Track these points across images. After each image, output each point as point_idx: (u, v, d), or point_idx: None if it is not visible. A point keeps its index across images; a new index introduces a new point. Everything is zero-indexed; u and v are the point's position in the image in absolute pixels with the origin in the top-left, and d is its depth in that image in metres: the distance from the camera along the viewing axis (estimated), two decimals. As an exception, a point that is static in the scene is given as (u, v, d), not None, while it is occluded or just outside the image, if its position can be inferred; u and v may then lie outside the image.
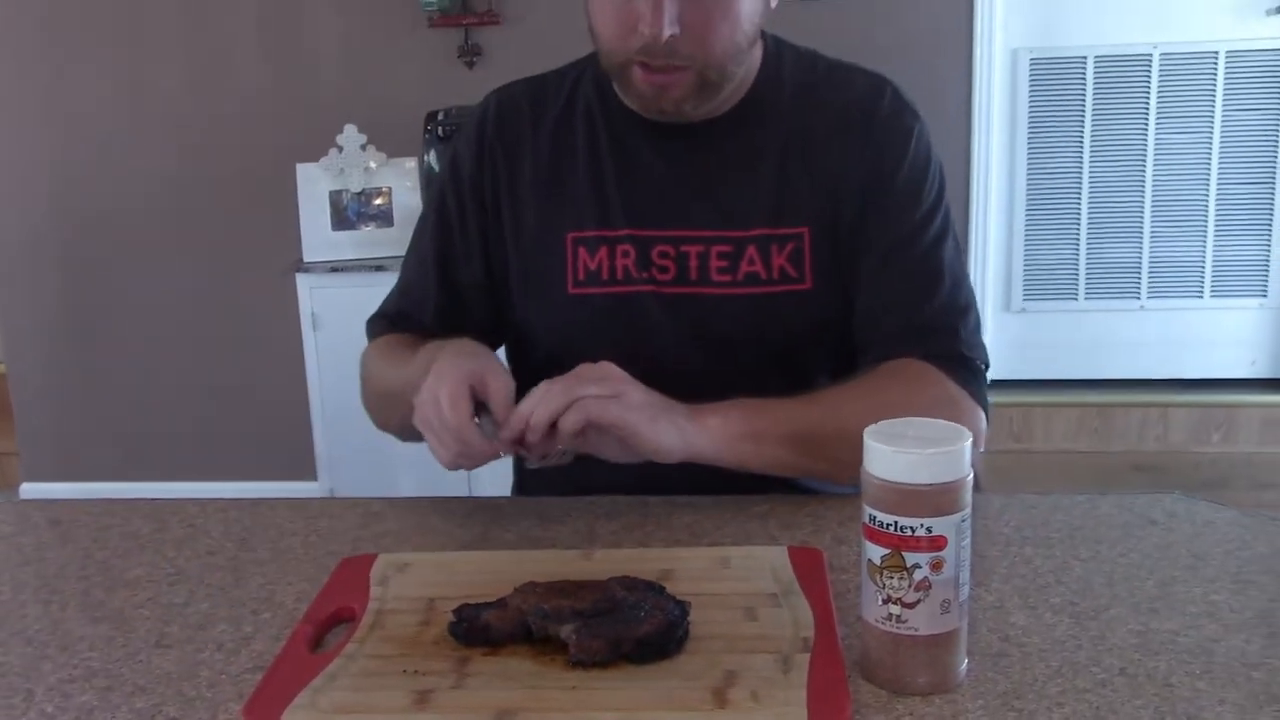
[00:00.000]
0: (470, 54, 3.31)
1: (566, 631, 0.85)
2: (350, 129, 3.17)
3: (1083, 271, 3.39)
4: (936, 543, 0.80)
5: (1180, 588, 0.96)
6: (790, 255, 1.26)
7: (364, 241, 3.18)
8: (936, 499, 0.79)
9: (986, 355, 1.27)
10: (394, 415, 1.26)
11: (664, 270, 1.28)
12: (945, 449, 0.80)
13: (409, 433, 1.15)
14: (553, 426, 1.04)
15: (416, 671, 0.85)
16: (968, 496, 0.81)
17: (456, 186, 1.36)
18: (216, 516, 1.18)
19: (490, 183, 1.34)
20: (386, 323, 1.41)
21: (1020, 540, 1.06)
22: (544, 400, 1.04)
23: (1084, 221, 3.37)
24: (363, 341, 1.43)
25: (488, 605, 0.90)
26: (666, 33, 1.13)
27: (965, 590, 0.82)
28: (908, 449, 0.80)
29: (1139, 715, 0.78)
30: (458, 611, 0.90)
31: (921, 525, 0.79)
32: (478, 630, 0.88)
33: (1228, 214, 3.31)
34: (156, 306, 3.55)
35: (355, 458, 3.06)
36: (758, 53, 1.29)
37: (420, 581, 0.99)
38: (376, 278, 3.08)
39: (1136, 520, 1.09)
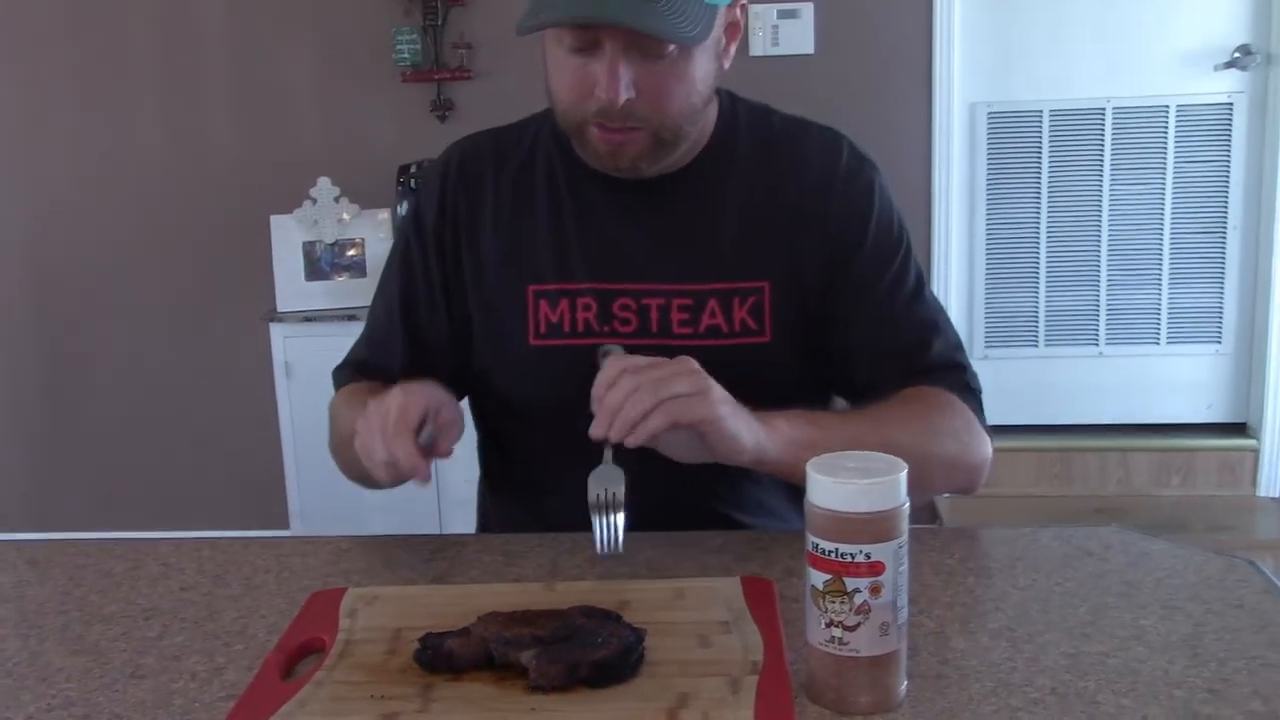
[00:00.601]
0: (442, 108, 3.38)
1: (526, 657, 0.90)
2: (324, 181, 3.22)
3: (1042, 319, 3.47)
4: (875, 568, 0.84)
5: (1111, 613, 1.01)
6: (751, 308, 1.30)
7: (337, 291, 3.23)
8: (874, 527, 0.84)
9: (980, 382, 1.33)
10: (356, 461, 1.27)
11: (626, 323, 1.31)
12: (882, 480, 0.85)
13: (371, 479, 1.19)
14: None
15: (383, 696, 0.89)
16: (904, 524, 0.86)
17: (420, 237, 1.38)
18: (190, 555, 1.21)
19: (451, 234, 1.36)
20: (351, 371, 1.44)
21: (963, 571, 1.11)
22: (633, 399, 1.05)
23: (1043, 270, 3.44)
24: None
25: (451, 633, 0.94)
26: (622, 97, 1.16)
27: (904, 614, 0.87)
28: (847, 480, 0.85)
29: (1066, 730, 0.83)
30: (423, 639, 0.94)
31: (861, 551, 0.84)
32: (442, 657, 0.92)
33: (1181, 263, 3.40)
34: (131, 354, 3.57)
35: (327, 505, 3.08)
36: (713, 109, 1.32)
37: (387, 613, 1.03)
38: (349, 327, 3.12)
39: (1074, 551, 1.15)
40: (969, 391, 1.30)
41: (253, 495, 3.47)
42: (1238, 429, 3.47)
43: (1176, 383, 3.47)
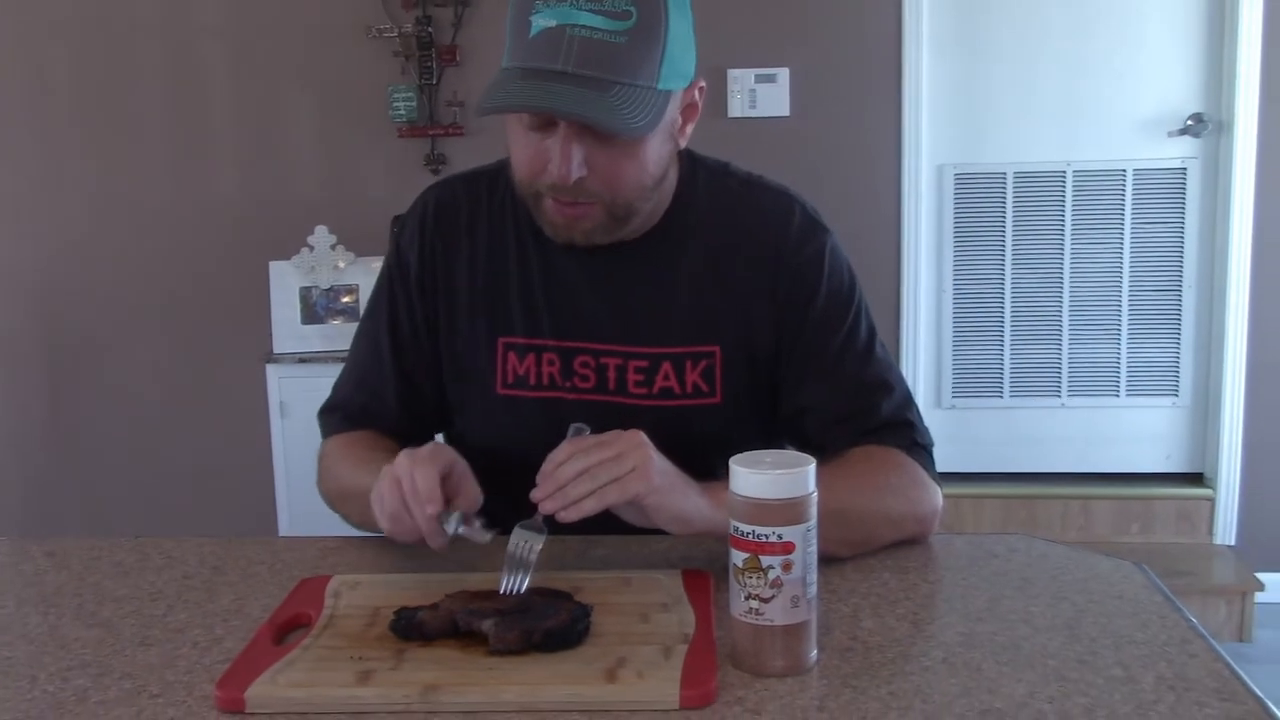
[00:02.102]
0: (436, 162, 3.54)
1: (487, 625, 1.03)
2: (321, 229, 3.37)
3: (1007, 371, 3.61)
4: (787, 547, 0.98)
5: (1006, 603, 1.14)
6: (703, 372, 1.37)
7: (331, 335, 3.37)
8: (786, 511, 0.98)
9: (931, 436, 1.40)
10: (354, 512, 1.35)
11: (585, 379, 1.38)
12: (793, 470, 0.99)
13: (369, 526, 1.26)
14: None
15: (361, 658, 1.02)
16: (812, 510, 0.99)
17: (404, 280, 1.44)
18: (193, 550, 1.34)
19: (431, 279, 1.42)
20: (341, 416, 1.49)
21: (881, 568, 1.24)
22: (575, 482, 1.11)
23: (1007, 324, 3.59)
24: None
25: (423, 607, 1.07)
26: (574, 176, 1.22)
27: (813, 589, 1.00)
28: (763, 471, 0.99)
29: (950, 689, 0.97)
30: (397, 612, 1.07)
31: (774, 533, 0.98)
32: (414, 626, 1.05)
33: (1140, 318, 3.55)
34: (131, 393, 3.70)
35: (317, 539, 3.20)
36: (672, 176, 1.37)
37: (368, 595, 1.16)
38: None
39: (981, 554, 1.28)
40: (917, 447, 1.37)
41: (245, 531, 3.58)
42: (1195, 479, 3.61)
43: (1135, 434, 3.61)
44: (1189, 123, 3.44)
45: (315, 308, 3.39)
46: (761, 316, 1.38)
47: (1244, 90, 3.34)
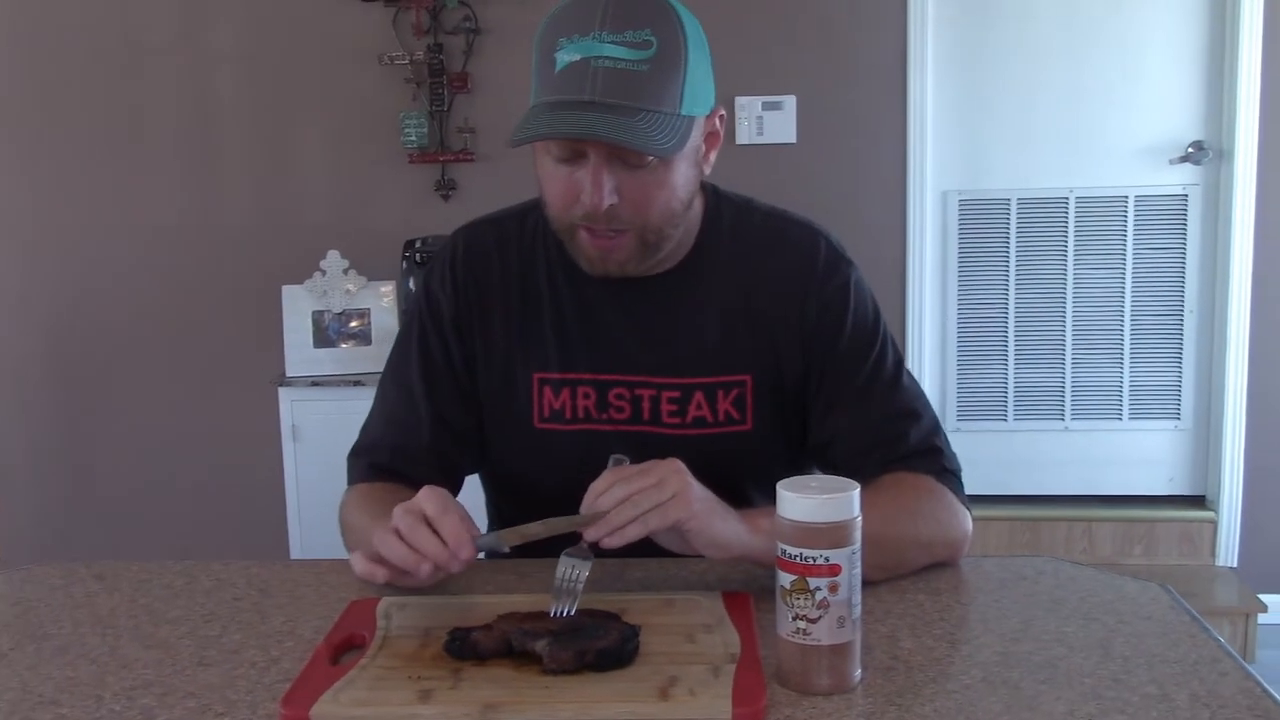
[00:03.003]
0: (446, 188, 3.59)
1: (541, 645, 1.06)
2: (333, 254, 3.41)
3: (1011, 395, 3.66)
4: (833, 569, 1.02)
5: (1038, 623, 1.18)
6: (734, 400, 1.41)
7: (343, 359, 3.40)
8: (832, 534, 1.02)
9: (959, 462, 1.43)
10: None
11: (620, 411, 1.42)
12: (839, 495, 1.03)
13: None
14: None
15: (419, 677, 1.05)
16: (857, 533, 1.03)
17: (436, 321, 1.47)
18: (240, 573, 1.37)
19: (467, 320, 1.45)
20: (368, 462, 1.48)
21: (914, 590, 1.28)
22: (619, 509, 1.14)
23: (1011, 349, 3.64)
24: (339, 450, 1.51)
25: (476, 628, 1.10)
26: (606, 203, 1.26)
27: (857, 610, 1.04)
28: (810, 495, 1.03)
29: (992, 706, 1.00)
30: (451, 632, 1.10)
31: (821, 555, 1.02)
32: (469, 646, 1.08)
33: (1142, 343, 3.60)
34: (144, 416, 3.74)
35: (329, 561, 3.23)
36: (699, 206, 1.42)
37: (418, 616, 1.20)
38: (354, 392, 3.30)
39: (1011, 576, 1.32)
40: (946, 473, 1.40)
41: (257, 554, 3.60)
42: (1196, 501, 3.65)
43: (1138, 457, 3.66)
44: (1190, 150, 3.49)
45: (327, 331, 3.43)
46: (790, 347, 1.42)
47: (1244, 118, 3.40)
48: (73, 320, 3.74)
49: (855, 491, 1.04)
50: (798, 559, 1.02)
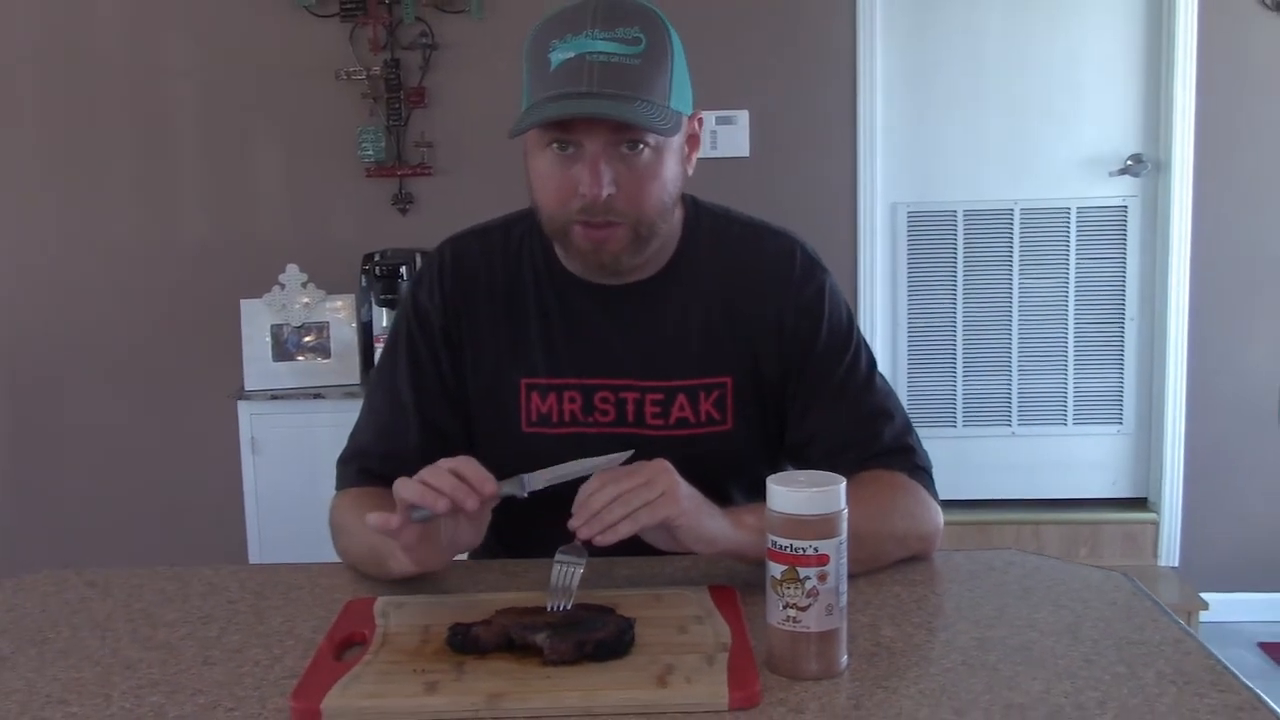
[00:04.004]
0: (403, 202, 3.61)
1: (541, 638, 1.10)
2: (292, 268, 3.41)
3: (960, 401, 3.75)
4: (822, 559, 1.07)
5: (1010, 610, 1.24)
6: (715, 401, 1.46)
7: (302, 372, 3.41)
8: (820, 526, 1.07)
9: (929, 459, 1.49)
10: (375, 567, 1.35)
11: (605, 414, 1.46)
12: (827, 488, 1.08)
13: (396, 571, 1.30)
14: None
15: (424, 670, 1.09)
16: (844, 525, 1.08)
17: (425, 330, 1.50)
18: (231, 576, 1.40)
19: (455, 330, 1.49)
20: (358, 468, 1.50)
21: (891, 582, 1.33)
22: (609, 507, 1.18)
23: (959, 356, 3.73)
24: (298, 463, 1.54)
25: (476, 623, 1.14)
26: (605, 192, 1.31)
27: (844, 598, 1.09)
28: (800, 489, 1.08)
29: (973, 687, 1.05)
30: (452, 628, 1.14)
31: (810, 546, 1.07)
32: (470, 641, 1.12)
33: (1085, 350, 3.71)
34: (104, 429, 3.72)
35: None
36: (679, 215, 1.47)
37: (415, 614, 1.23)
38: (313, 405, 3.31)
39: (980, 568, 1.38)
40: (918, 470, 1.46)
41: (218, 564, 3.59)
42: (1139, 503, 3.76)
43: (1082, 461, 3.76)
44: (1129, 163, 3.60)
45: (286, 345, 3.43)
46: (768, 350, 1.48)
47: (1180, 132, 3.52)
48: (30, 335, 3.71)
49: (842, 485, 1.09)
50: (788, 550, 1.07)
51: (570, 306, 1.48)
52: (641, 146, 1.33)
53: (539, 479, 1.28)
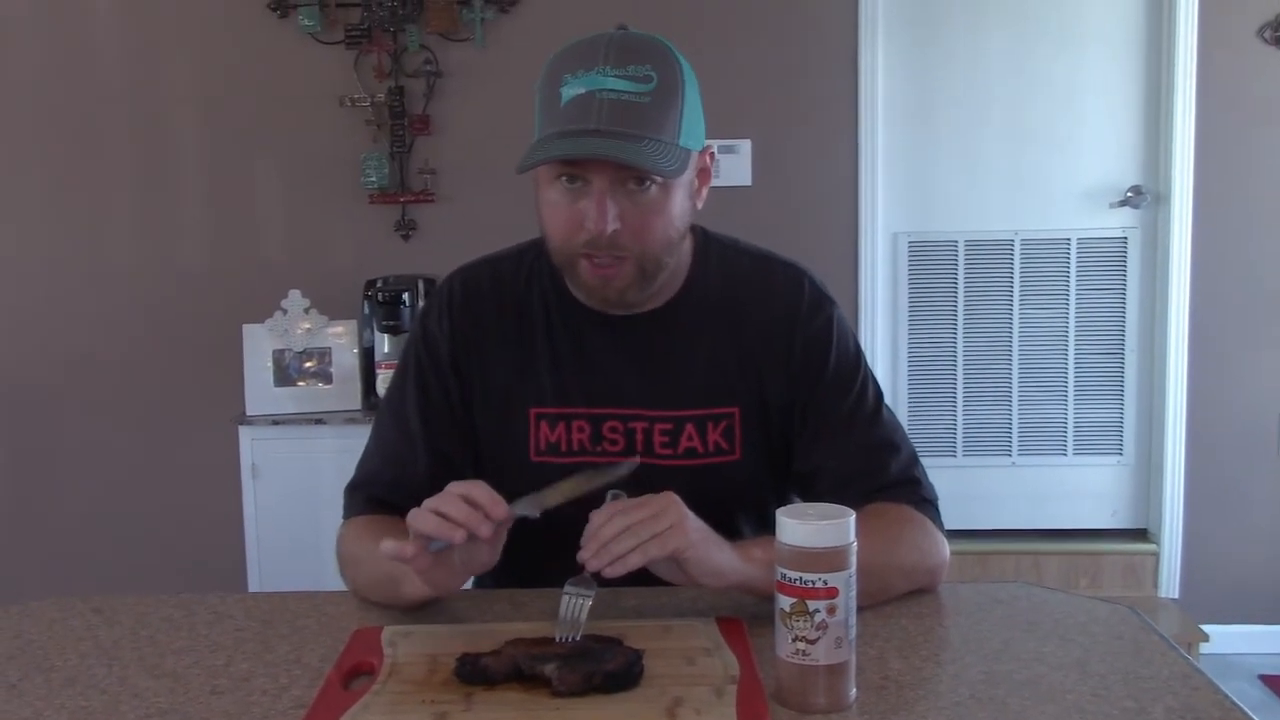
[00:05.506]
0: (406, 228, 3.62)
1: (550, 669, 1.10)
2: (294, 294, 3.42)
3: (960, 431, 3.75)
4: (831, 592, 1.07)
5: (1017, 644, 1.24)
6: (723, 431, 1.47)
7: (303, 397, 3.41)
8: (830, 558, 1.07)
9: (935, 491, 1.49)
10: (388, 593, 1.35)
11: (614, 443, 1.46)
12: (836, 521, 1.08)
13: (411, 596, 1.30)
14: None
15: (433, 701, 1.09)
16: (853, 558, 1.08)
17: (434, 360, 1.50)
18: (237, 605, 1.40)
19: (464, 359, 1.50)
20: (365, 496, 1.51)
21: (898, 614, 1.33)
22: (619, 539, 1.18)
23: (960, 386, 3.74)
24: (298, 488, 1.53)
25: (485, 653, 1.14)
26: (610, 227, 1.32)
27: (853, 631, 1.09)
28: (809, 521, 1.08)
29: (982, 721, 1.05)
30: (460, 658, 1.14)
31: (819, 579, 1.07)
32: (479, 671, 1.12)
33: (1085, 381, 3.71)
34: (105, 453, 3.71)
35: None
36: (689, 245, 1.48)
37: (423, 644, 1.23)
38: (315, 430, 3.31)
39: (987, 601, 1.38)
40: (924, 503, 1.46)
41: (216, 589, 3.58)
42: (1139, 534, 3.76)
43: (1082, 491, 3.76)
44: (1129, 194, 3.62)
45: (288, 370, 3.43)
46: (775, 381, 1.48)
47: (1180, 164, 3.54)
48: (32, 360, 3.71)
49: (852, 518, 1.09)
50: (797, 582, 1.07)
51: (579, 336, 1.49)
52: (648, 183, 1.34)
53: (550, 497, 1.28)
